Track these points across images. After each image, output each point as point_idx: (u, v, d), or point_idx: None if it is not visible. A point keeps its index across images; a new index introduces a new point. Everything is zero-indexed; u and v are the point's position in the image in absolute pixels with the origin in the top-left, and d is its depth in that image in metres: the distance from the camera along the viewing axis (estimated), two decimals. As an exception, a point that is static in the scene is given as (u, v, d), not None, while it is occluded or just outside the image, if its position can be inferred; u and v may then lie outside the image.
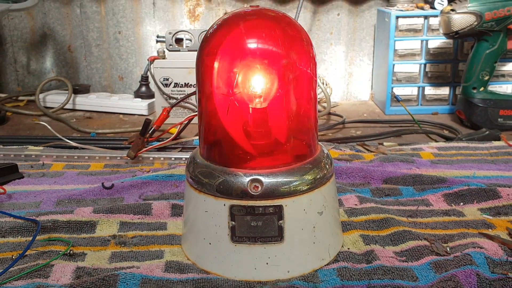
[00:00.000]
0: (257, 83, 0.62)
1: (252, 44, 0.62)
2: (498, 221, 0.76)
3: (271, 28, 0.62)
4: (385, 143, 1.16)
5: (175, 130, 1.16)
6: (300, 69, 0.64)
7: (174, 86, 1.39)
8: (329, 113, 1.47)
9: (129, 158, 1.05)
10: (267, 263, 0.62)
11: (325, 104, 1.49)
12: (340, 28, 1.64)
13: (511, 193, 0.81)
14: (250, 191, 0.61)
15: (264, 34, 0.62)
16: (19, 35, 1.66)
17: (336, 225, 0.69)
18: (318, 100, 1.57)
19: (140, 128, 1.08)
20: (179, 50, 1.39)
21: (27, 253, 0.68)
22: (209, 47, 0.64)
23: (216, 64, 0.63)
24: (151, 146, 1.09)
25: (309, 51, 0.65)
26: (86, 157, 1.07)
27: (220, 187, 0.62)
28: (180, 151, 1.13)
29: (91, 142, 1.17)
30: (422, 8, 1.45)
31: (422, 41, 1.43)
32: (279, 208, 0.61)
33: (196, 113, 0.71)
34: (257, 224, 0.61)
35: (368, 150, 1.10)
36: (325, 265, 0.65)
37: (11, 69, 1.69)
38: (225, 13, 0.65)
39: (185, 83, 1.38)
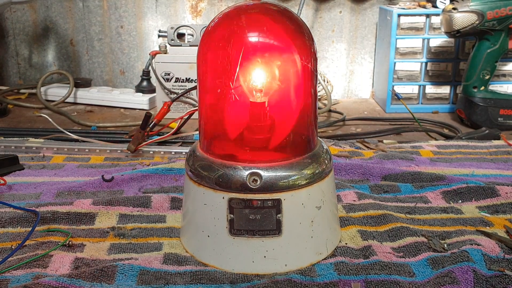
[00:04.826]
0: (257, 77, 0.63)
1: (253, 37, 0.62)
2: (496, 219, 0.76)
3: (272, 22, 0.63)
4: (384, 141, 1.16)
5: (175, 125, 1.16)
6: (301, 64, 0.64)
7: (175, 81, 1.39)
8: (330, 110, 1.47)
9: (129, 152, 1.05)
10: (265, 256, 0.63)
11: (326, 101, 1.49)
12: (342, 26, 1.64)
13: (509, 192, 0.81)
14: (249, 185, 0.61)
15: (265, 28, 0.62)
16: (21, 28, 1.66)
17: (334, 220, 0.69)
18: (319, 97, 1.58)
19: (141, 122, 1.08)
20: (180, 45, 1.40)
21: (26, 243, 0.68)
22: (210, 40, 0.64)
23: (216, 58, 0.64)
24: (151, 140, 1.10)
25: (310, 46, 0.65)
26: (87, 150, 1.07)
27: (219, 180, 0.63)
28: (180, 145, 1.13)
29: (91, 135, 1.17)
30: (424, 7, 1.45)
31: (423, 39, 1.43)
32: (278, 201, 0.62)
33: (197, 108, 0.71)
34: (256, 217, 0.62)
35: (367, 147, 1.10)
36: (322, 260, 0.65)
37: (13, 62, 1.69)
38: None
39: (186, 78, 1.39)
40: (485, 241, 0.67)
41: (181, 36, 1.41)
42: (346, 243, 0.69)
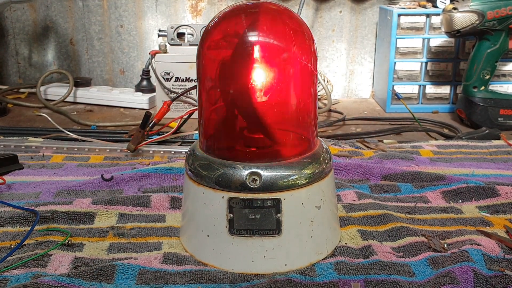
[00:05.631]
0: (257, 77, 0.62)
1: (253, 37, 0.62)
2: (496, 218, 0.76)
3: (272, 21, 0.63)
4: (384, 141, 1.16)
5: (175, 124, 1.16)
6: (301, 63, 0.64)
7: (175, 81, 1.39)
8: (330, 110, 1.47)
9: (129, 151, 1.05)
10: (264, 256, 0.63)
11: (326, 101, 1.49)
12: (342, 26, 1.64)
13: (510, 191, 0.81)
14: (248, 184, 0.61)
15: (265, 27, 0.62)
16: (21, 27, 1.66)
17: (334, 219, 0.69)
18: (319, 97, 1.58)
19: (141, 121, 1.08)
20: (180, 45, 1.39)
21: (25, 242, 0.68)
22: (209, 39, 0.64)
23: (216, 57, 0.63)
24: (151, 140, 1.09)
25: (310, 46, 0.65)
26: (86, 149, 1.07)
27: (219, 180, 0.62)
28: (180, 145, 1.13)
29: (91, 135, 1.17)
30: (424, 7, 1.45)
31: (423, 39, 1.43)
32: (277, 201, 0.62)
33: (196, 107, 0.71)
34: (255, 217, 0.62)
35: (367, 147, 1.10)
36: (322, 259, 0.65)
37: (13, 61, 1.69)
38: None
39: (186, 78, 1.38)
40: (485, 241, 0.67)
41: (181, 35, 1.41)
42: (346, 243, 0.69)
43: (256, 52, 0.62)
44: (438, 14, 1.40)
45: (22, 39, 1.67)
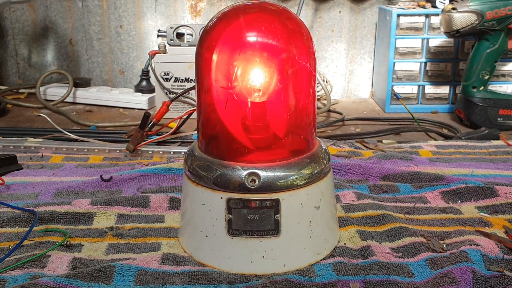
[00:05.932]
0: (256, 77, 0.62)
1: (251, 37, 0.62)
2: (495, 219, 0.76)
3: (271, 21, 0.62)
4: (384, 141, 1.16)
5: (174, 125, 1.16)
6: (300, 64, 0.64)
7: (175, 81, 1.39)
8: (329, 110, 1.47)
9: (128, 151, 1.05)
10: (263, 257, 0.62)
11: (325, 101, 1.49)
12: (341, 26, 1.64)
13: (509, 192, 0.81)
14: (247, 185, 0.61)
15: (263, 27, 0.62)
16: (20, 28, 1.66)
17: (332, 220, 0.69)
18: (318, 97, 1.58)
19: (140, 122, 1.08)
20: (180, 45, 1.39)
21: (24, 243, 0.68)
22: (208, 40, 0.64)
23: (215, 57, 0.63)
24: (150, 140, 1.09)
25: (309, 46, 0.65)
26: (85, 150, 1.07)
27: (218, 180, 0.62)
28: (179, 145, 1.13)
29: (90, 135, 1.17)
30: (423, 7, 1.45)
31: (423, 39, 1.43)
32: (276, 202, 0.62)
33: (195, 107, 0.71)
34: (254, 217, 0.62)
35: (366, 147, 1.10)
36: (321, 260, 0.65)
37: (12, 61, 1.69)
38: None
39: (185, 78, 1.38)
40: (484, 242, 0.67)
41: (180, 36, 1.41)
42: (345, 243, 0.69)
43: (255, 53, 0.62)
44: (437, 14, 1.40)
45: (22, 40, 1.67)
